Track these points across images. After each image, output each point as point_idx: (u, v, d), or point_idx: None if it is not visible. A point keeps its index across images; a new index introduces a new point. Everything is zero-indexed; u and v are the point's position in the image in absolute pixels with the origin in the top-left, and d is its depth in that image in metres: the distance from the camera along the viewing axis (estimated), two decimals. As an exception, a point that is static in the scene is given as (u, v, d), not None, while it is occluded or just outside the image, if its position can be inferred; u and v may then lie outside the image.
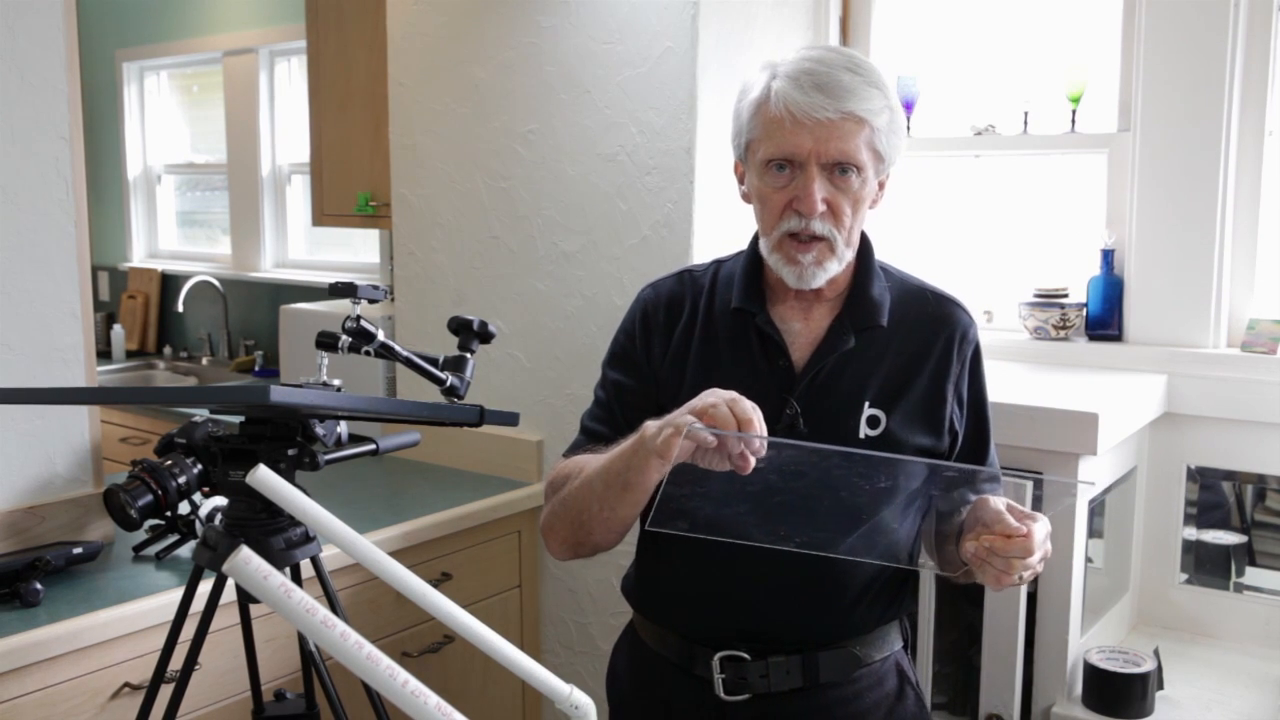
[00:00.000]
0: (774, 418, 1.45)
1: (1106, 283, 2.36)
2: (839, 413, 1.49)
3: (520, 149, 2.60)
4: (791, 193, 1.43)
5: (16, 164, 2.05)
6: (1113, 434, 1.98)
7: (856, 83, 1.40)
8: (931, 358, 1.53)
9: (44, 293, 2.10)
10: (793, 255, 1.46)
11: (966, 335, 1.56)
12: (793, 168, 1.43)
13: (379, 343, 1.69)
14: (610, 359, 1.66)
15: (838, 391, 1.49)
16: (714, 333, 1.55)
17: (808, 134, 1.40)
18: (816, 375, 1.49)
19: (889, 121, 1.43)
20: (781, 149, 1.42)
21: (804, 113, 1.39)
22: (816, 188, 1.41)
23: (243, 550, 0.90)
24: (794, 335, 1.52)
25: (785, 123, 1.41)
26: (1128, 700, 1.94)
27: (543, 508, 1.59)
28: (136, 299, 5.13)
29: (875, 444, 1.47)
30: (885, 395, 1.50)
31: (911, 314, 1.55)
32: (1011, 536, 1.30)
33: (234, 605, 1.73)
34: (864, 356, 1.51)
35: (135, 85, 5.26)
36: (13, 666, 1.73)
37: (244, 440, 1.60)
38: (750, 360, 1.52)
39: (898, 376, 1.51)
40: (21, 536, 2.06)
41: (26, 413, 2.08)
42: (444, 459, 2.78)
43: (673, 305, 1.61)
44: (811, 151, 1.41)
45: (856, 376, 1.50)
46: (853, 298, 1.53)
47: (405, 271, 2.89)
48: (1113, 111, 2.38)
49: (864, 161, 1.42)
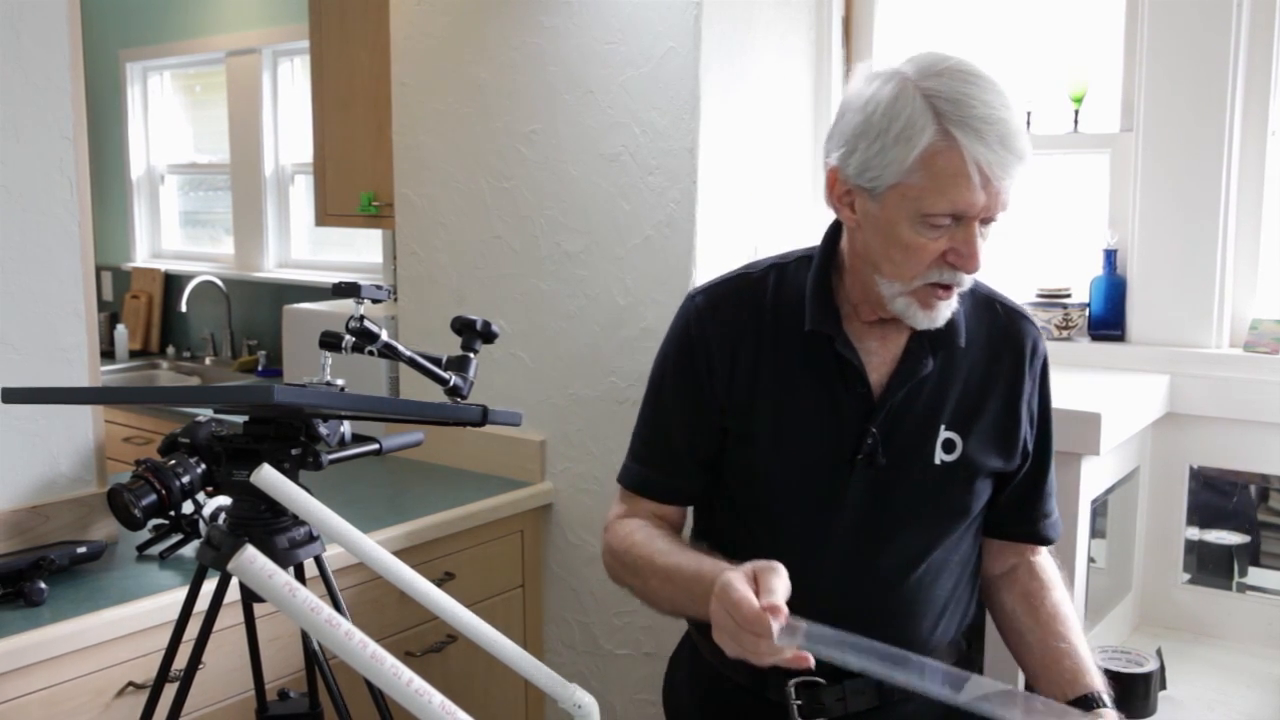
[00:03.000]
0: (854, 447, 1.42)
1: (1109, 283, 2.36)
2: (915, 438, 1.43)
3: (523, 149, 2.60)
4: (947, 244, 1.31)
5: (20, 163, 2.06)
6: (1115, 434, 1.98)
7: (1020, 123, 1.29)
8: (1004, 376, 1.47)
9: (47, 292, 2.11)
10: (931, 302, 1.36)
11: (1036, 349, 1.51)
12: (952, 220, 1.31)
13: (382, 343, 1.70)
14: (660, 384, 1.55)
15: (913, 416, 1.43)
16: (786, 352, 1.46)
17: (982, 191, 1.28)
18: (894, 401, 1.43)
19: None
20: (957, 206, 1.29)
21: (993, 172, 1.26)
22: (980, 244, 1.32)
23: (247, 549, 0.91)
24: (869, 357, 1.44)
25: (972, 181, 1.27)
26: (1130, 700, 1.93)
27: (602, 554, 1.54)
28: (140, 299, 5.14)
29: (950, 469, 1.43)
30: (960, 417, 1.44)
31: (984, 329, 1.48)
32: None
33: (238, 605, 1.73)
34: (939, 377, 1.44)
35: (139, 85, 5.27)
36: (17, 665, 1.74)
37: (248, 440, 1.61)
38: (828, 386, 1.43)
39: (972, 397, 1.45)
40: (25, 536, 2.06)
41: (30, 412, 2.09)
42: (447, 459, 2.79)
43: (733, 315, 1.49)
44: (985, 206, 1.29)
45: (932, 399, 1.44)
46: None
47: (408, 271, 2.90)
48: (1115, 111, 2.38)
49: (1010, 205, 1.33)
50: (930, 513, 1.45)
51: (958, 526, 1.49)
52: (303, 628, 0.92)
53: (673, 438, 1.53)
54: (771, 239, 2.54)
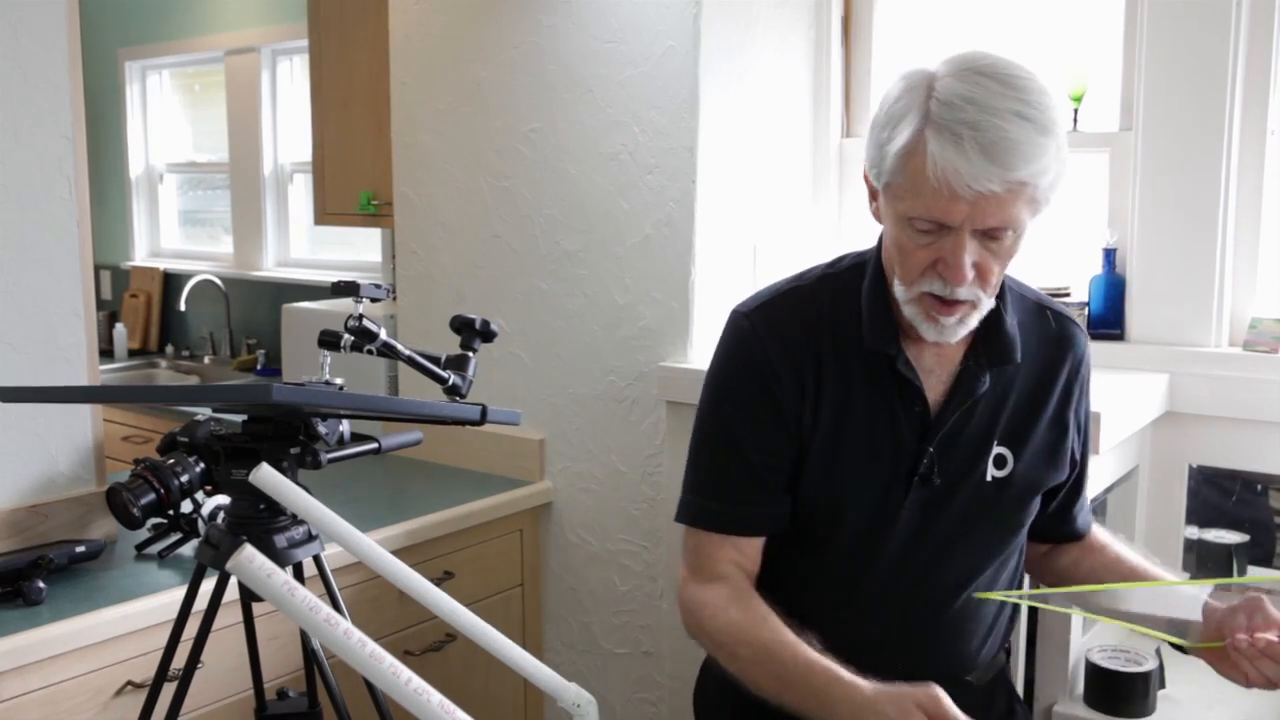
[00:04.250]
0: (911, 467, 1.38)
1: (1108, 282, 2.36)
2: (968, 456, 1.39)
3: (522, 148, 2.60)
4: (936, 253, 1.25)
5: (19, 162, 2.05)
6: (1115, 433, 1.98)
7: (1027, 135, 1.18)
8: (1056, 387, 1.43)
9: (46, 291, 2.10)
10: (933, 314, 1.30)
11: (1084, 358, 1.48)
12: (939, 229, 1.24)
13: (381, 342, 1.69)
14: (721, 411, 1.43)
15: (967, 434, 1.39)
16: (844, 370, 1.39)
17: (962, 202, 1.20)
18: (950, 419, 1.38)
19: (1059, 166, 1.22)
20: (930, 214, 1.22)
21: (964, 185, 1.18)
22: (966, 256, 1.23)
23: (246, 548, 0.91)
24: (926, 375, 1.39)
25: (941, 191, 1.20)
26: (1130, 699, 1.93)
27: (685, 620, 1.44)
28: (139, 298, 5.14)
29: (1001, 485, 1.40)
30: (1012, 432, 1.40)
31: (1035, 339, 1.42)
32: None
33: (237, 604, 1.73)
34: (994, 392, 1.39)
35: (137, 84, 5.26)
36: (16, 665, 1.74)
37: (246, 439, 1.60)
38: (888, 404, 1.38)
39: (1024, 411, 1.41)
40: (24, 535, 2.06)
41: (29, 411, 2.09)
42: (446, 458, 2.79)
43: (792, 333, 1.41)
44: (966, 218, 1.21)
45: (986, 416, 1.39)
46: (987, 331, 1.37)
47: (407, 270, 2.90)
48: (1114, 110, 2.38)
49: (1023, 221, 1.23)
50: (981, 530, 1.42)
51: (1009, 544, 1.47)
52: (301, 627, 0.92)
53: (752, 464, 1.41)
54: (771, 238, 2.54)
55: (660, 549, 2.46)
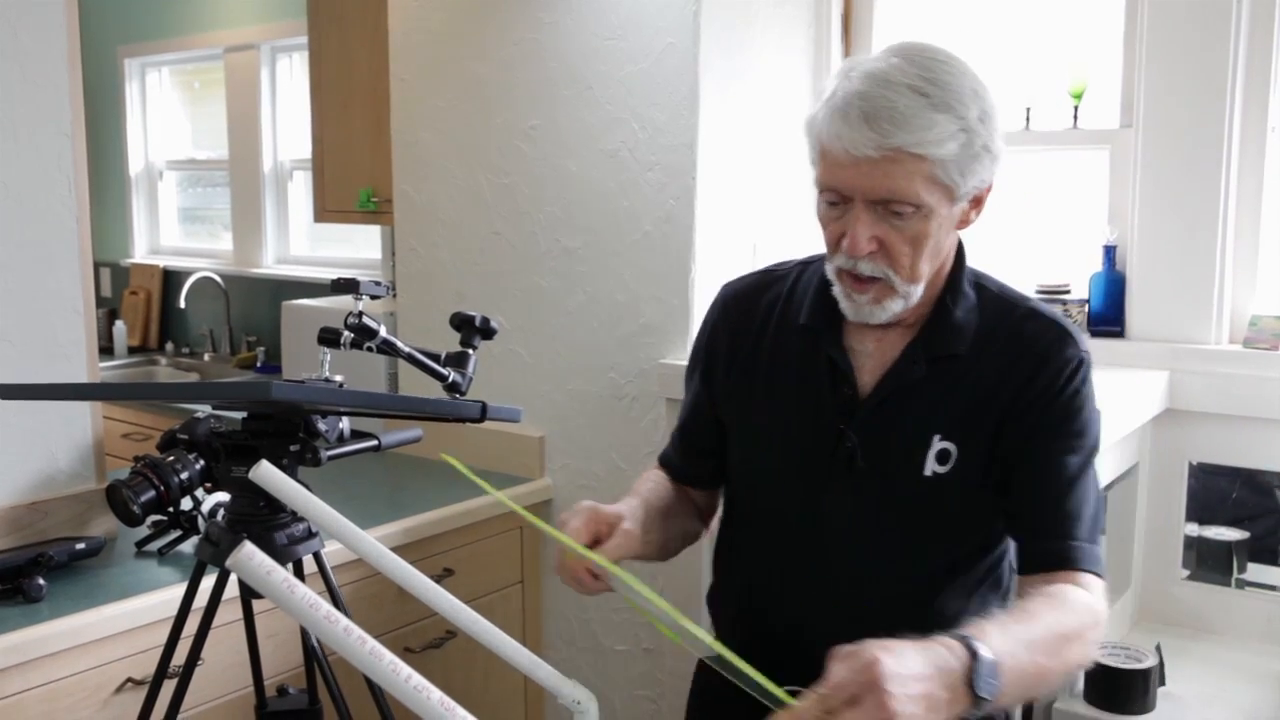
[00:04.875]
0: (830, 449, 1.37)
1: (1108, 279, 2.36)
2: (903, 447, 1.35)
3: (522, 145, 2.60)
4: (842, 227, 1.29)
5: (18, 160, 2.05)
6: (1114, 430, 1.98)
7: (917, 108, 1.21)
8: (1012, 386, 1.34)
9: (46, 288, 2.10)
10: (849, 291, 1.32)
11: (1055, 360, 1.34)
12: (843, 201, 1.28)
13: (381, 339, 1.69)
14: (687, 369, 1.57)
15: (903, 424, 1.35)
16: (784, 348, 1.43)
17: (852, 169, 1.24)
18: (879, 406, 1.36)
19: (961, 148, 1.24)
20: (827, 181, 1.28)
21: (843, 149, 1.23)
22: (861, 229, 1.26)
23: (246, 545, 0.91)
24: (864, 359, 1.38)
25: (830, 155, 1.26)
26: (1130, 696, 1.94)
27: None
28: (138, 295, 5.13)
29: (941, 481, 1.34)
30: (958, 428, 1.34)
31: (1000, 334, 1.37)
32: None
33: (237, 601, 1.73)
34: (938, 385, 1.35)
35: (137, 81, 5.26)
36: (16, 662, 1.74)
37: (246, 436, 1.61)
38: (816, 384, 1.39)
39: (977, 408, 1.34)
40: (24, 532, 2.06)
41: (28, 408, 2.08)
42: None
43: (748, 308, 1.49)
44: (857, 187, 1.25)
45: (927, 407, 1.35)
46: (932, 322, 1.36)
47: (407, 268, 2.89)
48: (1115, 108, 2.38)
49: (922, 199, 1.24)
50: (922, 527, 1.37)
51: (956, 544, 1.39)
52: (302, 624, 0.92)
53: (684, 421, 1.56)
54: (770, 235, 2.54)
55: (660, 546, 2.45)
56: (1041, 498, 1.33)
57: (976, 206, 1.34)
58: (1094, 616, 1.25)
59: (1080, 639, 1.21)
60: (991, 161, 1.28)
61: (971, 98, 1.25)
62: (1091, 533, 1.32)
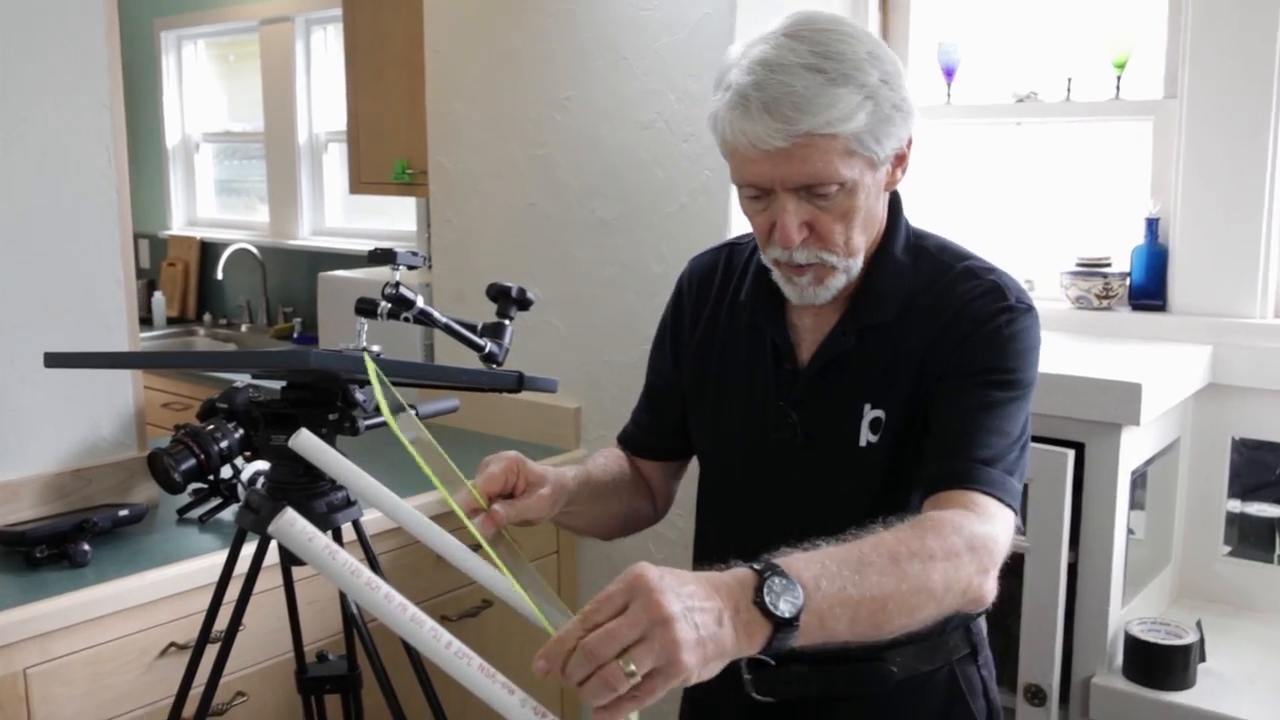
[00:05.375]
0: (778, 424, 1.35)
1: (1150, 252, 2.33)
2: (838, 419, 1.33)
3: (557, 116, 2.59)
4: (770, 218, 1.25)
5: (60, 132, 2.07)
6: (1156, 404, 1.95)
7: (815, 86, 1.16)
8: (929, 340, 1.29)
9: (88, 259, 2.12)
10: (789, 277, 1.30)
11: (971, 312, 1.28)
12: (764, 193, 1.24)
13: (418, 309, 1.70)
14: (654, 342, 1.55)
15: (837, 396, 1.33)
16: (736, 322, 1.42)
17: (766, 162, 1.20)
18: (813, 380, 1.34)
19: (870, 115, 1.19)
20: (743, 177, 1.24)
21: (752, 144, 1.19)
22: (789, 218, 1.22)
23: (288, 512, 0.91)
24: (804, 334, 1.37)
25: (739, 152, 1.22)
26: (1169, 672, 1.92)
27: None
28: (176, 266, 5.18)
29: (874, 450, 1.30)
30: (885, 394, 1.31)
31: (930, 297, 1.32)
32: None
33: (277, 568, 1.75)
34: (868, 354, 1.32)
35: (173, 54, 5.28)
36: (63, 625, 1.77)
37: (285, 405, 1.62)
38: (762, 359, 1.39)
39: (899, 371, 1.30)
40: (69, 499, 2.09)
41: (72, 377, 2.11)
42: (482, 426, 2.80)
43: (705, 284, 1.48)
44: (774, 178, 1.21)
45: (857, 378, 1.32)
46: (859, 292, 1.33)
47: (442, 239, 2.90)
48: (1159, 78, 2.34)
49: (844, 176, 1.21)
50: (865, 498, 1.31)
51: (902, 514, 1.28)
52: (342, 590, 0.92)
53: (648, 385, 1.55)
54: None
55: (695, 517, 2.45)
56: (944, 425, 1.26)
57: (900, 164, 1.29)
58: (965, 535, 1.09)
59: (931, 557, 1.05)
60: (904, 119, 1.23)
61: (870, 62, 1.20)
62: (998, 459, 1.21)
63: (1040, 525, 1.92)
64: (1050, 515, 1.92)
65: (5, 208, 2.01)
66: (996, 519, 1.17)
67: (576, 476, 1.37)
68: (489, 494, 1.25)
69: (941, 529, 1.10)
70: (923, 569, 1.04)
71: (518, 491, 1.27)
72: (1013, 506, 1.20)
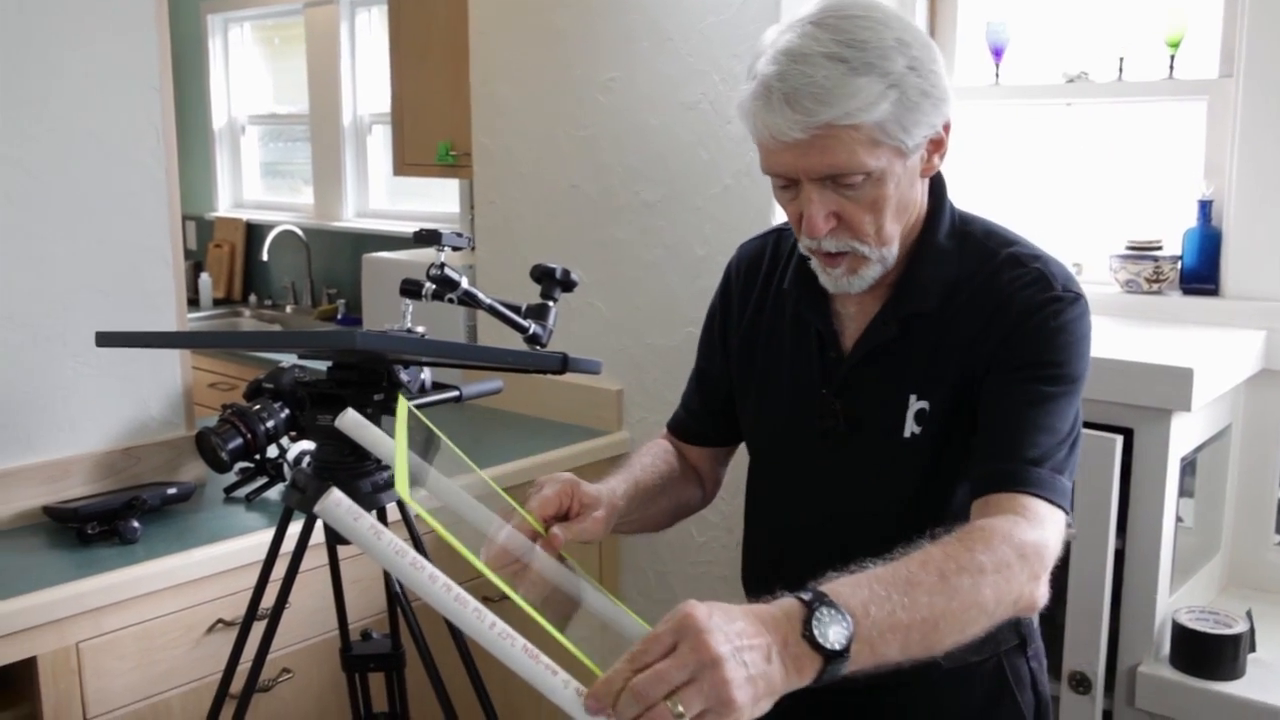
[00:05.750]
0: (822, 413, 1.34)
1: (1203, 235, 2.28)
2: (882, 410, 1.31)
3: (601, 97, 2.58)
4: (799, 208, 1.24)
5: (110, 113, 2.09)
6: (1208, 390, 1.92)
7: (838, 76, 1.14)
8: (977, 332, 1.27)
9: (136, 239, 2.15)
10: (824, 266, 1.29)
11: (1018, 302, 1.25)
12: (792, 183, 1.23)
13: (463, 290, 1.70)
14: (704, 327, 1.55)
15: (881, 385, 1.31)
16: (782, 309, 1.41)
17: (789, 153, 1.19)
18: (856, 369, 1.33)
19: (895, 104, 1.16)
20: (770, 167, 1.24)
21: (773, 136, 1.18)
22: (815, 209, 1.21)
23: (334, 493, 0.92)
24: (847, 321, 1.35)
25: (764, 142, 1.21)
26: (1218, 662, 1.90)
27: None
28: (223, 248, 5.23)
29: (918, 442, 1.29)
30: (933, 386, 1.29)
31: (974, 284, 1.29)
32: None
33: (322, 547, 1.77)
34: (911, 345, 1.30)
35: (220, 37, 5.33)
36: (114, 600, 1.80)
37: (331, 385, 1.63)
38: (806, 347, 1.37)
39: (949, 363, 1.28)
40: (119, 476, 2.13)
41: (122, 357, 2.14)
42: (525, 408, 2.81)
43: (753, 270, 1.46)
44: (798, 169, 1.20)
45: (901, 368, 1.30)
46: (901, 281, 1.31)
47: (486, 221, 2.91)
48: (1214, 57, 2.29)
49: (869, 166, 1.18)
50: (911, 490, 1.30)
51: (946, 506, 1.29)
52: (386, 570, 0.93)
53: (701, 380, 1.54)
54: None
55: (738, 500, 2.44)
56: (991, 424, 1.23)
57: (937, 150, 1.26)
58: (1015, 544, 1.08)
59: (981, 571, 1.03)
60: (935, 106, 1.20)
61: (897, 49, 1.17)
62: (1047, 458, 1.19)
63: (1087, 512, 1.90)
64: (1098, 502, 1.89)
65: (57, 188, 2.04)
66: (1047, 523, 1.15)
67: (626, 491, 1.36)
68: (544, 517, 1.26)
69: (990, 540, 1.07)
70: (973, 584, 1.02)
71: (572, 513, 1.27)
72: (1062, 506, 1.18)
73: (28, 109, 2.00)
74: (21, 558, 1.88)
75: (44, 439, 2.06)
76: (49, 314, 2.05)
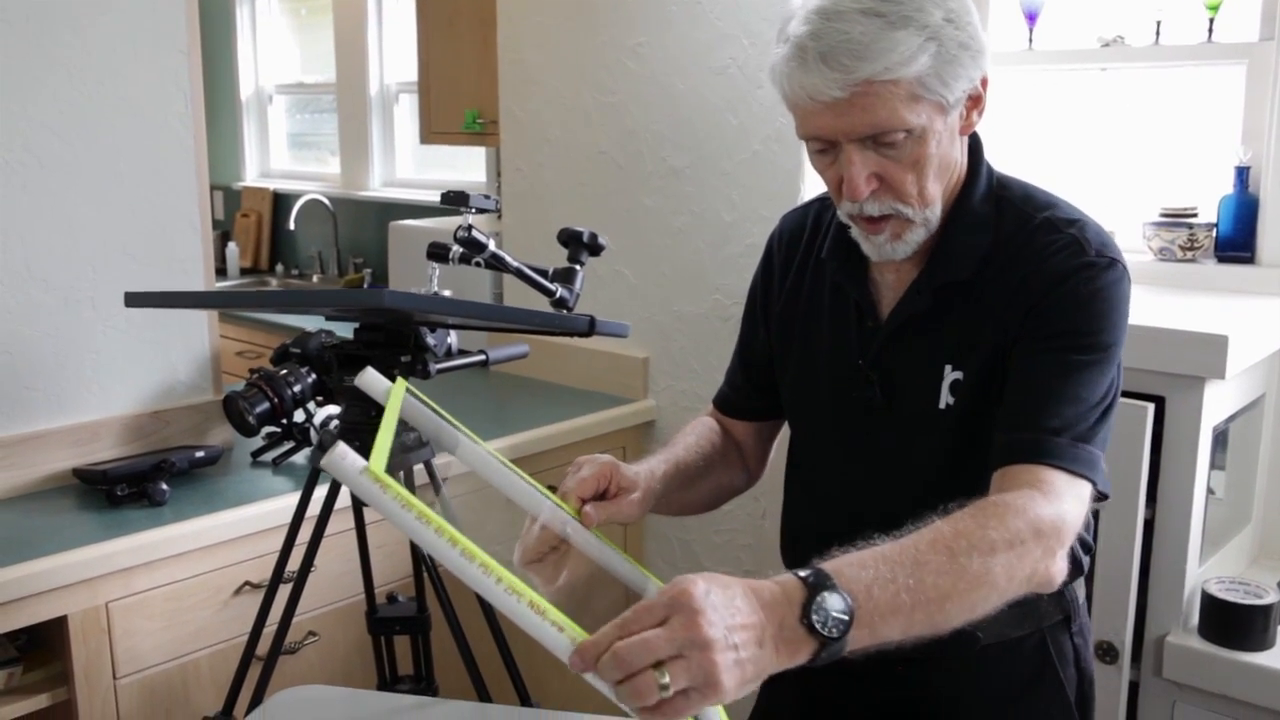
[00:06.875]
0: (858, 383, 1.33)
1: (1239, 202, 2.25)
2: (918, 379, 1.29)
3: (629, 63, 2.56)
4: (838, 172, 1.21)
5: (139, 77, 2.10)
6: (1242, 358, 1.90)
7: (874, 31, 1.11)
8: (1009, 300, 1.24)
9: (165, 204, 2.16)
10: (865, 233, 1.26)
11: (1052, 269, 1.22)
12: (830, 146, 1.20)
13: (490, 253, 1.69)
14: (747, 302, 1.53)
15: (916, 356, 1.29)
16: (822, 280, 1.39)
17: (827, 114, 1.16)
18: (891, 339, 1.30)
19: (934, 58, 1.13)
20: (807, 131, 1.20)
21: (810, 97, 1.15)
22: (857, 170, 1.18)
23: (339, 445, 0.88)
24: (884, 290, 1.33)
25: (801, 104, 1.18)
26: (1247, 632, 1.88)
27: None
28: (250, 217, 5.25)
29: (951, 413, 1.26)
30: (968, 356, 1.26)
31: (1010, 251, 1.26)
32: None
33: (349, 511, 1.77)
34: (946, 314, 1.27)
35: (247, 6, 5.33)
36: (144, 560, 1.82)
37: (358, 346, 1.63)
38: (844, 318, 1.35)
39: (982, 332, 1.25)
40: (148, 439, 2.14)
41: (151, 321, 2.15)
42: (551, 374, 2.81)
43: (794, 242, 1.44)
44: (837, 130, 1.17)
45: (937, 338, 1.28)
46: (936, 249, 1.28)
47: (513, 188, 2.90)
48: (1254, 19, 2.24)
49: (910, 123, 1.15)
50: (947, 461, 1.28)
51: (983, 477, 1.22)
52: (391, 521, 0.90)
53: (744, 355, 1.53)
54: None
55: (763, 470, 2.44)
56: (1014, 392, 1.21)
57: (975, 106, 1.23)
58: (1029, 519, 1.05)
59: (992, 549, 1.01)
60: (973, 59, 1.17)
61: (932, 1, 1.14)
62: (1068, 428, 1.15)
63: (1117, 480, 1.87)
64: (1128, 471, 1.87)
65: (87, 152, 2.05)
66: (1065, 495, 1.12)
67: (666, 472, 1.35)
68: (581, 496, 1.25)
69: (1005, 515, 1.05)
70: (983, 563, 1.00)
71: (609, 495, 1.27)
72: (1086, 476, 1.15)
73: (58, 73, 2.00)
74: (52, 519, 1.90)
75: (74, 402, 2.07)
76: (79, 277, 2.06)
